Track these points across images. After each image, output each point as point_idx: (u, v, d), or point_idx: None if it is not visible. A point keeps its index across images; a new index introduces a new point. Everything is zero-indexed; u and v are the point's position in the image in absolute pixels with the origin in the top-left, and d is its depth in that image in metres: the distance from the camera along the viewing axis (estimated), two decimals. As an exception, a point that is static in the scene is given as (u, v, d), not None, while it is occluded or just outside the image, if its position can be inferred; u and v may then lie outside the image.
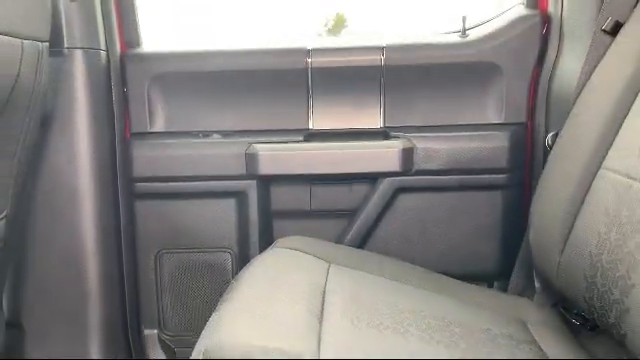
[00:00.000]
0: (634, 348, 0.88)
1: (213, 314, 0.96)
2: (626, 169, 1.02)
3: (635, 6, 1.20)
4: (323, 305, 0.99)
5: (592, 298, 1.01)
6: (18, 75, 1.12)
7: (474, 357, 0.92)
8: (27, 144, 1.28)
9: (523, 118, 1.51)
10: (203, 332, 0.90)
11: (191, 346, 1.58)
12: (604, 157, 1.10)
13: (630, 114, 1.09)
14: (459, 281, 1.32)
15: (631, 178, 0.99)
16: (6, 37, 1.07)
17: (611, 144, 1.10)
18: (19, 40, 1.11)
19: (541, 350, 1.03)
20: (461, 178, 1.51)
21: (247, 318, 0.88)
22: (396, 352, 0.87)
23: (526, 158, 1.51)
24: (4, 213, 1.25)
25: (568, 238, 1.12)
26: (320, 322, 0.91)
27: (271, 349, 0.76)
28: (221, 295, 1.44)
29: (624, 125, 1.09)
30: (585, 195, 1.11)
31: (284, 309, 0.93)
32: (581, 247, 1.06)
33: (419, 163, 1.50)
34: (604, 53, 1.23)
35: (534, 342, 1.06)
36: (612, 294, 0.95)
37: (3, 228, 1.25)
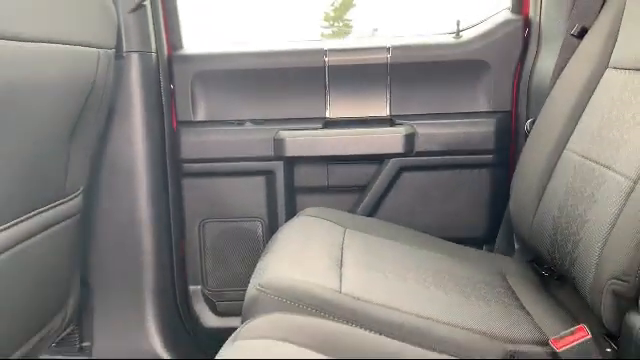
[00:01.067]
0: (581, 289, 1.15)
1: (258, 263, 1.24)
2: (582, 151, 1.29)
3: (597, 15, 1.45)
4: (342, 257, 1.27)
5: (554, 252, 1.29)
6: (94, 80, 1.40)
7: (458, 295, 1.20)
8: (97, 133, 1.55)
9: (508, 107, 1.76)
10: (252, 276, 1.17)
11: (229, 299, 1.90)
12: (568, 140, 1.37)
13: (588, 105, 1.35)
14: (453, 243, 1.60)
15: (585, 158, 1.26)
16: (87, 48, 1.35)
17: (573, 130, 1.36)
18: (96, 50, 1.38)
19: (514, 294, 1.30)
20: (455, 158, 1.77)
21: (286, 264, 1.16)
22: (397, 290, 1.15)
23: (510, 141, 1.77)
24: (81, 189, 1.53)
25: (538, 206, 1.39)
26: (340, 268, 1.19)
27: (308, 282, 1.04)
28: (253, 257, 1.73)
29: (583, 115, 1.35)
30: (552, 171, 1.37)
31: (313, 259, 1.22)
32: (547, 212, 1.33)
33: (419, 146, 1.76)
34: (572, 53, 1.48)
35: (509, 288, 1.34)
36: (566, 248, 1.22)
37: (80, 201, 1.54)
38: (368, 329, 0.95)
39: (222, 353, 0.82)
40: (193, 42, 1.88)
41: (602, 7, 1.44)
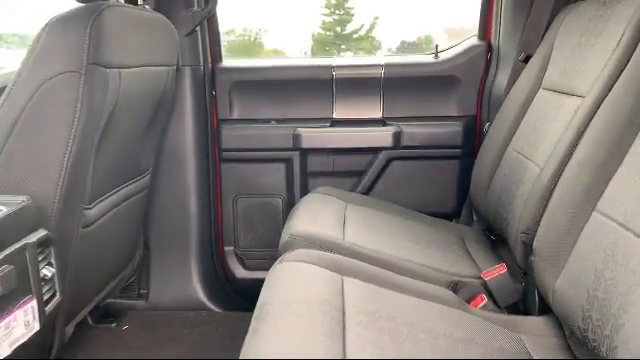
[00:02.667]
0: (509, 243, 1.65)
1: (285, 224, 1.74)
2: (518, 148, 1.79)
3: (537, 46, 1.93)
4: (344, 221, 1.78)
5: (497, 220, 1.79)
6: (164, 90, 1.89)
7: (425, 247, 1.71)
8: (161, 129, 2.05)
9: (473, 112, 2.26)
10: (282, 232, 1.68)
11: (255, 257, 2.41)
12: (510, 140, 1.87)
13: (525, 116, 1.84)
14: (427, 215, 2.11)
15: (519, 153, 1.76)
16: (162, 67, 1.84)
17: (514, 133, 1.86)
18: (166, 68, 1.88)
19: (466, 248, 1.82)
20: (432, 151, 2.26)
21: (306, 223, 1.68)
22: (383, 242, 1.66)
23: (474, 138, 2.27)
24: (150, 169, 2.04)
25: (489, 187, 1.89)
26: (343, 227, 1.70)
27: (322, 232, 1.56)
28: (274, 225, 2.22)
29: (522, 123, 1.85)
30: (499, 162, 1.88)
31: (324, 221, 1.73)
32: (494, 192, 1.84)
33: (404, 141, 2.26)
34: (519, 75, 1.97)
35: (464, 246, 1.85)
36: (504, 216, 1.71)
37: (149, 179, 2.04)
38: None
39: (274, 269, 1.33)
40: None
41: (542, 39, 1.93)
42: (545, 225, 1.36)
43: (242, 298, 2.30)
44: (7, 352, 1.14)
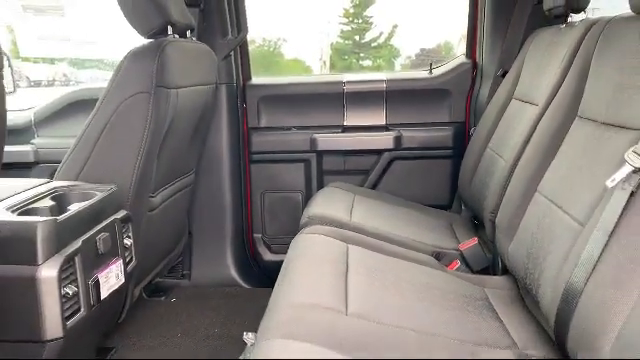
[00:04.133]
0: (485, 225, 2.06)
1: (304, 210, 2.18)
2: (493, 147, 2.20)
3: (512, 62, 2.33)
4: (352, 208, 2.20)
5: (477, 207, 2.20)
6: (205, 104, 2.34)
7: (417, 227, 2.13)
8: (203, 136, 2.51)
9: (462, 119, 2.68)
10: (302, 216, 2.11)
11: (279, 243, 2.87)
12: (489, 141, 2.28)
13: (500, 122, 2.24)
14: (424, 206, 2.52)
15: (493, 151, 2.17)
16: (206, 86, 2.29)
17: (492, 136, 2.27)
18: (208, 86, 2.33)
19: (453, 231, 2.23)
20: (427, 152, 2.68)
21: (321, 208, 2.11)
22: (384, 223, 2.07)
23: (463, 141, 2.68)
24: (193, 170, 2.49)
25: (471, 181, 2.31)
26: (350, 212, 2.14)
27: (333, 214, 2.00)
28: (295, 215, 2.64)
29: (497, 128, 2.25)
30: (479, 161, 2.29)
31: (335, 207, 2.16)
32: (475, 185, 2.25)
33: (404, 144, 2.68)
34: (497, 88, 2.39)
35: (452, 229, 2.26)
36: (481, 203, 2.12)
37: (193, 177, 2.50)
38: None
39: (296, 240, 1.76)
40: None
41: (516, 57, 2.34)
42: (503, 205, 1.78)
43: (267, 277, 2.72)
44: (105, 294, 1.58)
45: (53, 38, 8.59)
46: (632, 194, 1.09)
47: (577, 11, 1.89)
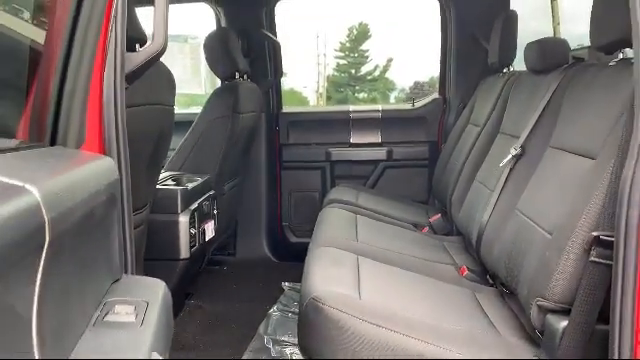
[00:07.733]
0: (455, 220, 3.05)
1: (324, 202, 3.16)
2: (455, 158, 3.19)
3: (469, 99, 3.35)
4: (357, 200, 3.19)
5: (443, 200, 3.18)
6: (254, 126, 3.34)
7: (401, 209, 3.11)
8: (244, 150, 3.50)
9: (435, 139, 3.68)
10: (323, 205, 3.09)
11: (302, 229, 3.88)
12: (452, 155, 3.27)
13: (458, 142, 3.24)
14: (409, 200, 3.51)
15: (454, 160, 3.17)
16: (255, 113, 3.30)
17: (454, 151, 3.26)
18: (257, 113, 3.33)
19: (427, 215, 3.22)
20: (410, 162, 3.67)
21: (336, 196, 3.09)
22: (376, 205, 3.05)
23: (437, 155, 3.66)
24: (239, 178, 3.48)
25: (440, 182, 3.30)
26: (357, 199, 3.12)
27: (345, 201, 2.98)
28: (314, 209, 3.61)
29: (456, 147, 3.24)
30: (445, 168, 3.28)
31: (345, 196, 3.14)
32: (441, 184, 3.24)
33: (394, 156, 3.67)
34: (459, 116, 3.40)
35: (426, 214, 3.25)
36: (448, 193, 3.10)
37: (240, 180, 3.48)
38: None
39: (322, 212, 2.73)
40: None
41: (472, 95, 3.35)
42: (457, 190, 2.76)
43: (293, 255, 3.68)
44: (208, 237, 2.54)
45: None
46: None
47: (505, 66, 2.90)
